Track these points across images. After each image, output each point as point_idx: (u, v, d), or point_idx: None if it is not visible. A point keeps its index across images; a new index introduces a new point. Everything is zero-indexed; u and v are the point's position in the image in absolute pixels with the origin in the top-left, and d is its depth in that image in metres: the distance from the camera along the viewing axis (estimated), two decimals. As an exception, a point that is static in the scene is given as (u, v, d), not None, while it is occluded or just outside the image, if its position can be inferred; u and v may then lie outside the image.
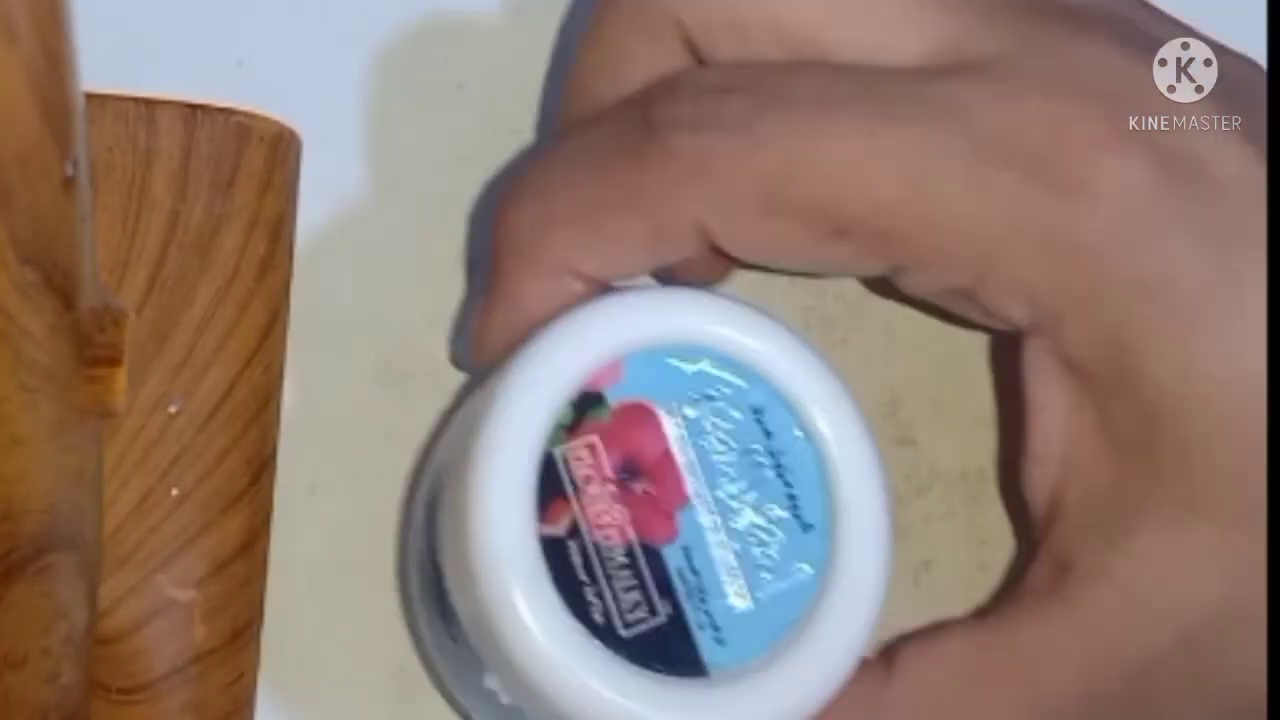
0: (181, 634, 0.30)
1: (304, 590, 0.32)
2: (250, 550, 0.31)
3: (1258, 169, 0.25)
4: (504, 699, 0.28)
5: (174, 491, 0.30)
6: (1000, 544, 0.33)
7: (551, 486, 0.26)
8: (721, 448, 0.26)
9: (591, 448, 0.26)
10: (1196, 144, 0.25)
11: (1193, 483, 0.25)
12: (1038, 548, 0.27)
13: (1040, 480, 0.27)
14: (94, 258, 0.26)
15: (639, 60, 0.27)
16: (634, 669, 0.25)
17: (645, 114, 0.26)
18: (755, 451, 0.26)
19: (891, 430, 0.33)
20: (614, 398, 0.26)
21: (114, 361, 0.27)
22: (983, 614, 0.28)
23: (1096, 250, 0.25)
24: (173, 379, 0.31)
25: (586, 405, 0.26)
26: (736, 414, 0.26)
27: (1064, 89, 0.25)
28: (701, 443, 0.26)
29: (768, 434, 0.26)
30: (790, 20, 0.26)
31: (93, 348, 0.26)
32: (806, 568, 0.26)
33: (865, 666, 0.27)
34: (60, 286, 0.24)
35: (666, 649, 0.25)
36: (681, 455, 0.26)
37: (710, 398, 0.26)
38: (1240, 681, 0.25)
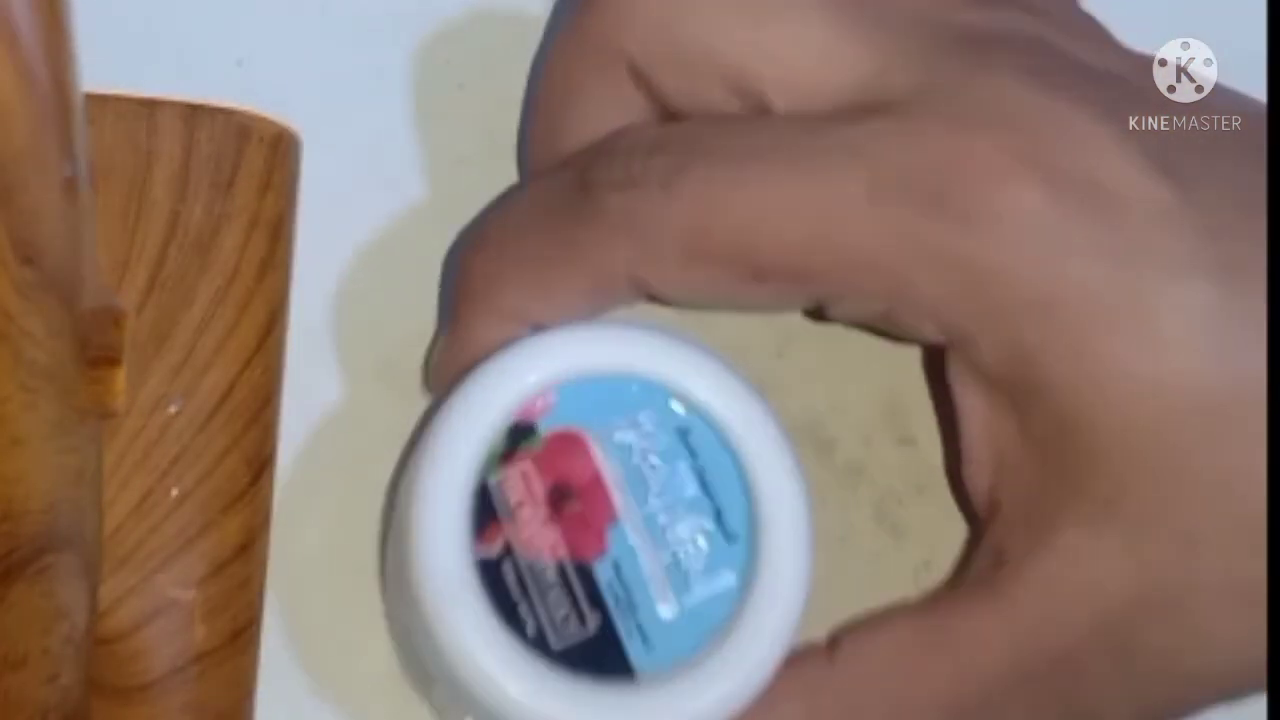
0: (181, 634, 0.30)
1: (304, 590, 0.32)
2: (250, 550, 0.31)
3: (1156, 188, 0.26)
4: (452, 709, 0.29)
5: (174, 492, 0.30)
6: (1000, 544, 0.33)
7: (486, 511, 0.28)
8: (649, 468, 0.28)
9: (524, 474, 0.28)
10: (1095, 168, 0.26)
11: (1104, 484, 0.26)
12: (980, 540, 0.29)
13: (977, 480, 0.29)
14: (94, 258, 0.26)
15: (593, 94, 0.30)
16: (565, 677, 0.27)
17: (582, 175, 0.28)
18: (681, 470, 0.28)
19: (891, 430, 0.33)
20: (545, 427, 0.28)
21: (114, 362, 0.27)
22: (926, 602, 0.29)
23: (996, 272, 0.26)
24: (173, 379, 0.31)
25: (519, 436, 0.28)
26: (663, 435, 0.28)
27: (964, 123, 0.26)
28: (630, 464, 0.28)
29: (693, 453, 0.28)
30: (727, 54, 0.28)
31: (93, 348, 0.26)
32: (730, 576, 0.28)
33: (810, 652, 0.28)
34: (60, 287, 0.24)
35: (596, 657, 0.27)
36: (610, 477, 0.28)
37: (637, 422, 0.28)
38: (1157, 666, 0.27)
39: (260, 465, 0.31)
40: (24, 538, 0.25)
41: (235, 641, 0.30)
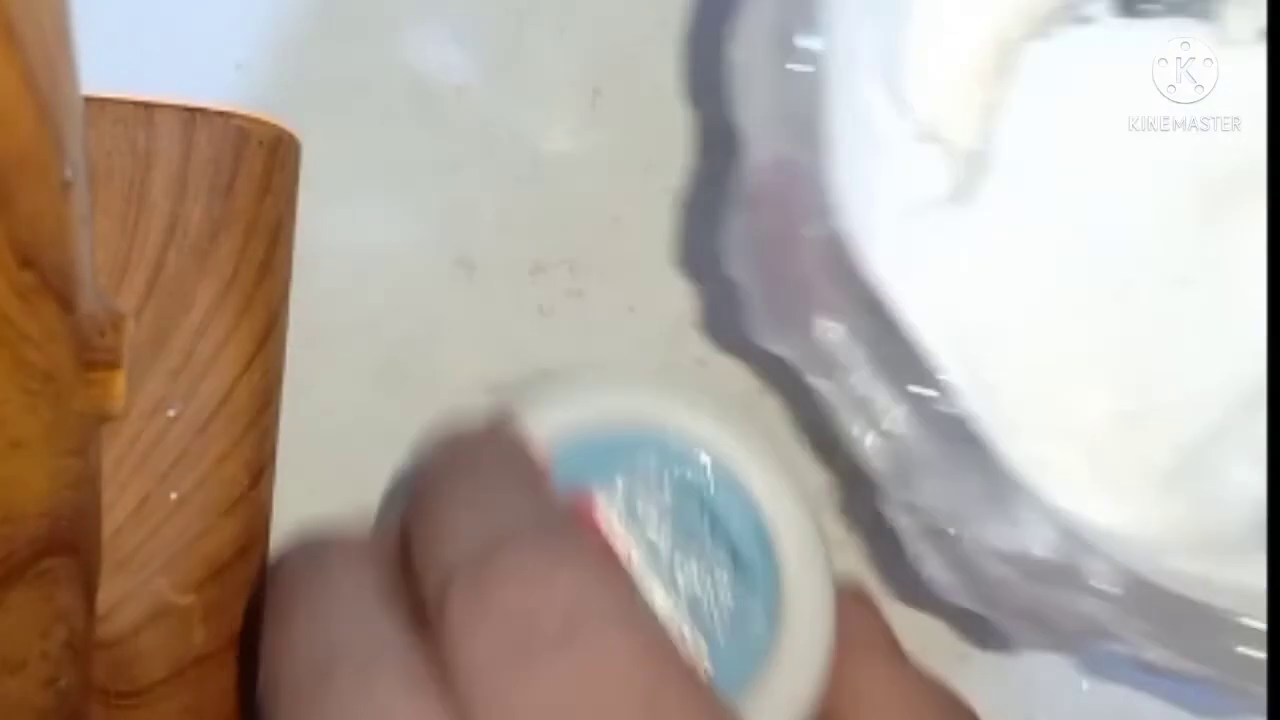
0: (180, 638, 0.30)
1: (304, 593, 0.32)
2: (249, 554, 0.31)
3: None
4: None
5: (173, 495, 0.30)
6: (1001, 546, 0.33)
7: None
8: (659, 523, 0.27)
9: None
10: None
11: None
12: None
13: None
14: (93, 261, 0.26)
15: None
16: None
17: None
18: (692, 520, 0.27)
19: (891, 432, 0.33)
20: None
21: (113, 365, 0.27)
22: None
23: None
24: (171, 383, 0.30)
25: None
26: (668, 487, 0.27)
27: None
28: (638, 521, 0.27)
29: (701, 501, 0.27)
30: None
31: (92, 351, 0.26)
32: (758, 620, 0.27)
33: None
34: (59, 290, 0.24)
35: None
36: (620, 539, 0.27)
37: (641, 473, 0.27)
38: None
39: (259, 469, 0.31)
40: (22, 541, 0.25)
41: (235, 646, 0.30)
